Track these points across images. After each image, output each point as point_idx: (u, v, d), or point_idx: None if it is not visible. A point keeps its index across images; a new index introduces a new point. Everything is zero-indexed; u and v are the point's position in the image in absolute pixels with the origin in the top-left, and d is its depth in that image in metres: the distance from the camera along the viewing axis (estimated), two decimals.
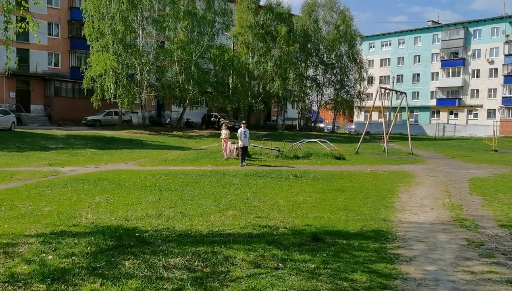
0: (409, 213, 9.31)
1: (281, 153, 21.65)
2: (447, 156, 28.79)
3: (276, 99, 56.48)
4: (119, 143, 28.48)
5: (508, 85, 64.06)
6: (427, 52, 72.03)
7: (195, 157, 21.69)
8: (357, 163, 21.36)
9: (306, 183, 13.38)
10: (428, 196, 11.69)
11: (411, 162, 22.43)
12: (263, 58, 51.96)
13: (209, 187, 11.77)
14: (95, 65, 38.31)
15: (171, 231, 7.02)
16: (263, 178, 14.12)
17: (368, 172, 17.39)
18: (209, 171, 15.87)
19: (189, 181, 12.80)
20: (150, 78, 43.07)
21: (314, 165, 19.78)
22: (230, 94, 48.04)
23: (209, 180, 13.26)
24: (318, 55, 59.39)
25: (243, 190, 11.54)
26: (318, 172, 16.53)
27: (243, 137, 18.48)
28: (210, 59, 46.70)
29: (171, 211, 8.56)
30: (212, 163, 19.01)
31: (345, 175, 15.99)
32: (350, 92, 62.76)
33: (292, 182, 13.40)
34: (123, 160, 19.50)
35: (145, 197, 10.03)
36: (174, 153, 24.00)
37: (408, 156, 27.33)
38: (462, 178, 16.14)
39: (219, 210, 8.77)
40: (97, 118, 42.96)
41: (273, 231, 7.26)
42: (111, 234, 6.61)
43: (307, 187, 12.42)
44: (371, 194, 11.60)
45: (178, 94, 44.76)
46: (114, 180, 12.71)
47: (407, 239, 7.14)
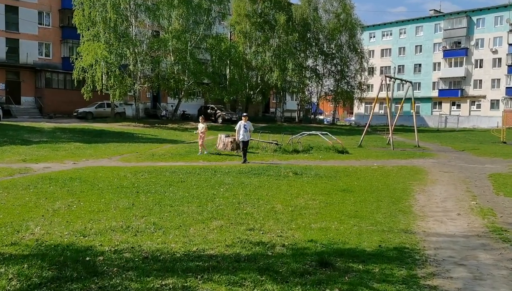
0: (433, 221, 7.71)
1: (279, 147, 20.00)
2: (455, 148, 27.18)
3: (275, 90, 54.74)
4: (108, 137, 26.83)
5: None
6: (429, 42, 70.30)
7: (186, 151, 20.05)
8: (361, 157, 19.75)
9: (308, 181, 11.76)
10: (450, 197, 10.08)
11: (420, 156, 20.82)
12: (261, 48, 50.20)
13: (196, 188, 10.13)
14: (85, 55, 36.62)
15: (135, 252, 5.40)
16: (259, 175, 12.49)
17: (375, 167, 15.78)
18: (200, 167, 14.24)
19: (173, 180, 11.17)
20: (143, 68, 41.35)
21: (315, 159, 18.15)
22: (227, 86, 46.46)
23: (197, 178, 11.62)
24: (318, 45, 57.52)
25: (235, 191, 9.91)
26: (320, 168, 14.91)
27: (242, 131, 16.62)
28: (206, 49, 45.00)
29: (143, 221, 6.94)
30: (204, 158, 17.38)
31: (350, 171, 14.37)
32: (350, 83, 61.02)
33: (292, 181, 11.78)
34: (108, 155, 17.86)
35: (116, 201, 8.41)
36: (165, 147, 22.36)
37: (414, 149, 25.72)
38: (480, 174, 14.54)
39: (203, 220, 7.15)
40: (88, 110, 41.28)
41: (268, 250, 5.64)
42: (53, 259, 5.00)
43: (309, 187, 10.79)
44: (383, 195, 9.98)
45: (173, 85, 43.16)
46: (88, 179, 11.08)
47: (441, 260, 5.53)
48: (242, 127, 16.65)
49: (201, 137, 18.88)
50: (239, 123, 16.95)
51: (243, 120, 16.84)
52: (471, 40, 66.13)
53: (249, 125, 16.84)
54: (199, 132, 19.08)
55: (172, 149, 20.90)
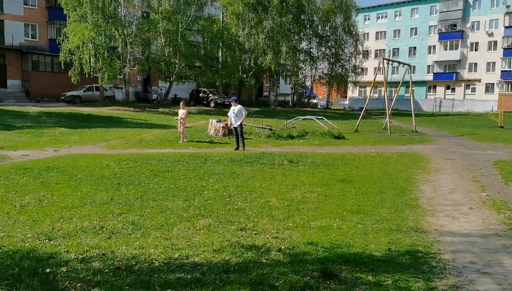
0: (444, 217, 6.97)
1: (273, 132, 19.19)
2: (453, 133, 26.52)
3: (268, 74, 53.63)
4: (96, 122, 25.89)
5: (508, 58, 61.83)
6: (424, 24, 69.40)
7: (176, 137, 19.15)
8: (358, 143, 19.00)
9: (304, 170, 10.98)
10: (457, 188, 9.35)
11: (419, 141, 20.09)
12: (254, 30, 48.93)
13: (183, 179, 9.31)
14: (72, 36, 35.29)
15: (107, 260, 4.60)
16: (252, 164, 11.68)
17: (373, 154, 15.03)
18: (189, 154, 13.41)
19: (159, 170, 10.33)
20: (133, 51, 40.15)
21: (311, 145, 17.38)
22: (219, 69, 45.37)
23: (185, 168, 10.79)
24: (312, 27, 56.21)
25: (226, 182, 9.11)
26: (317, 155, 14.14)
27: (232, 116, 15.87)
28: (198, 31, 43.77)
29: (120, 219, 6.13)
30: (195, 145, 16.54)
31: (348, 158, 13.60)
32: (345, 67, 60.02)
33: (287, 170, 10.99)
34: (93, 141, 16.97)
35: (94, 195, 7.58)
36: (154, 132, 21.48)
37: (412, 134, 25.02)
38: (484, 161, 13.83)
39: (189, 217, 6.35)
40: (76, 94, 40.13)
41: (262, 256, 4.86)
42: (6, 272, 4.20)
43: (306, 177, 10.01)
44: (386, 186, 9.23)
45: (164, 68, 42.05)
46: (67, 168, 10.23)
47: (461, 268, 4.79)
48: (231, 113, 15.94)
49: (182, 123, 17.75)
50: (230, 109, 16.23)
51: (232, 105, 16.18)
52: (467, 22, 65.33)
53: (238, 109, 15.86)
54: (179, 119, 17.89)
55: (161, 135, 20.03)
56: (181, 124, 17.74)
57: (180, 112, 18.05)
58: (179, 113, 18.10)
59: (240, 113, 15.84)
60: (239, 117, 15.74)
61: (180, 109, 18.27)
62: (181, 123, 17.75)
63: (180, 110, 18.21)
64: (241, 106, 16.11)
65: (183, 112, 17.94)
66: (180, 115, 17.92)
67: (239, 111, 15.81)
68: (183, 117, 17.81)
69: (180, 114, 17.94)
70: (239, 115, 15.78)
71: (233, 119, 15.82)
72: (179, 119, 17.84)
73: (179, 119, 17.84)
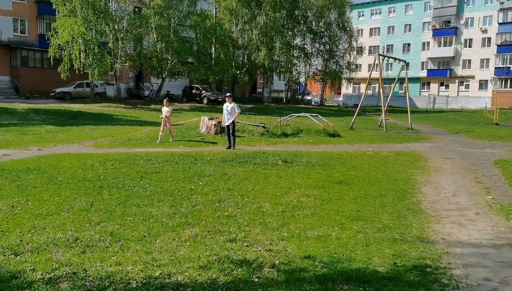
0: (450, 224, 6.47)
1: (267, 130, 18.65)
2: (449, 131, 26.12)
3: (262, 70, 53.02)
4: (85, 119, 25.22)
5: (501, 55, 61.68)
6: (419, 21, 69.16)
7: (167, 135, 18.56)
8: (354, 141, 18.52)
9: (299, 171, 10.45)
10: (460, 190, 8.87)
11: (415, 139, 19.64)
12: (248, 25, 48.29)
13: (171, 181, 8.76)
14: (61, 32, 34.53)
15: (77, 281, 4.04)
16: (244, 164, 11.14)
17: (370, 153, 14.54)
18: (179, 154, 12.84)
19: (146, 171, 9.77)
20: (124, 46, 39.41)
21: (305, 144, 16.87)
22: (212, 65, 44.72)
23: (174, 168, 10.23)
24: (306, 23, 55.62)
25: (216, 184, 8.57)
26: (312, 154, 13.63)
27: (225, 114, 15.11)
28: (190, 27, 43.09)
29: (98, 229, 5.57)
30: (186, 143, 15.97)
31: (344, 158, 13.10)
32: (339, 63, 59.53)
33: (281, 170, 10.46)
34: (80, 140, 16.35)
35: (73, 200, 7.01)
36: (144, 130, 20.88)
37: (408, 131, 24.59)
38: (484, 160, 13.39)
39: (174, 226, 5.80)
40: (66, 90, 39.39)
41: (254, 274, 4.33)
42: None
43: (301, 178, 9.49)
44: (386, 188, 8.74)
45: (156, 64, 41.40)
46: (48, 170, 9.64)
47: (476, 286, 4.29)
48: (224, 110, 15.16)
49: (166, 122, 16.60)
50: (224, 105, 15.39)
51: (226, 102, 15.29)
52: (460, 19, 65.13)
53: (231, 107, 15.01)
54: (163, 117, 16.61)
55: (152, 132, 19.42)
56: (166, 122, 16.60)
57: (164, 110, 16.78)
58: (163, 111, 16.83)
59: (233, 111, 15.02)
60: (231, 115, 14.97)
61: (164, 107, 16.89)
62: (166, 121, 16.57)
63: (164, 108, 16.87)
64: (235, 104, 15.23)
65: (167, 110, 16.72)
66: (164, 113, 16.69)
67: (232, 108, 15.01)
68: (168, 115, 16.62)
69: (164, 113, 16.70)
70: (232, 113, 14.99)
71: (225, 116, 15.11)
72: (164, 118, 16.65)
73: (164, 117, 16.64)
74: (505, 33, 61.40)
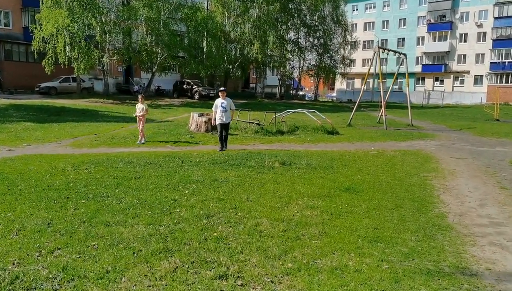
0: (489, 245, 5.29)
1: (261, 127, 17.41)
2: (450, 127, 25.04)
3: (255, 64, 51.69)
4: (68, 115, 23.84)
5: (497, 50, 60.89)
6: (413, 15, 68.26)
7: (154, 132, 17.30)
8: (354, 138, 17.33)
9: (299, 175, 9.22)
10: (487, 199, 7.70)
11: (419, 137, 18.48)
12: (240, 18, 46.89)
13: (152, 189, 7.50)
14: (45, 24, 33.00)
15: None
16: (238, 167, 9.89)
17: (374, 152, 13.36)
18: (165, 155, 11.56)
19: (125, 176, 8.49)
20: (112, 40, 37.89)
21: (303, 142, 15.64)
22: (204, 59, 43.32)
23: (158, 173, 8.96)
24: (300, 17, 54.31)
25: (204, 193, 7.32)
26: (311, 154, 12.41)
27: (220, 110, 12.95)
28: (181, 20, 41.63)
29: (49, 261, 4.30)
30: (173, 142, 14.67)
31: (347, 158, 11.90)
32: (333, 57, 58.33)
33: (279, 174, 9.24)
34: (58, 138, 15.02)
35: (28, 216, 5.74)
36: (130, 127, 19.56)
37: (408, 128, 23.44)
38: (499, 160, 12.25)
39: (148, 255, 4.55)
40: (52, 85, 37.85)
41: None
42: None
43: (302, 185, 8.27)
44: (401, 197, 7.55)
45: (146, 58, 39.96)
46: (10, 175, 8.34)
47: None
48: (219, 106, 12.97)
49: (141, 120, 14.57)
50: (216, 101, 13.29)
51: (220, 97, 13.18)
52: (456, 13, 64.29)
53: (228, 103, 13.11)
54: (138, 115, 14.62)
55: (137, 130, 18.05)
56: (140, 121, 14.59)
57: (139, 107, 14.75)
58: (137, 108, 14.82)
59: (230, 106, 13.21)
60: (228, 112, 13.10)
61: (139, 104, 14.81)
62: (140, 119, 14.56)
63: (139, 104, 14.81)
64: (230, 100, 13.36)
65: (143, 107, 14.72)
66: (139, 111, 14.67)
67: (228, 105, 13.11)
68: (143, 113, 14.61)
69: (139, 110, 14.69)
70: (228, 110, 13.11)
71: (221, 114, 12.94)
72: (138, 116, 14.59)
73: (138, 116, 14.59)
74: (501, 27, 60.63)
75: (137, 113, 14.67)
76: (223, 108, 12.92)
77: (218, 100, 13.13)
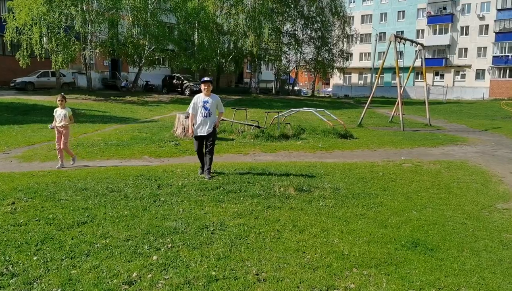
0: None
1: (262, 131, 14.39)
2: (471, 126, 22.24)
3: (250, 58, 48.66)
4: (38, 115, 20.74)
5: (500, 43, 58.38)
6: (413, 7, 65.61)
7: (131, 137, 14.20)
8: (373, 144, 14.39)
9: (328, 213, 6.24)
10: None
11: (449, 141, 15.55)
12: (234, 9, 43.90)
13: (96, 253, 4.49)
14: (18, 12, 29.80)
15: None
16: (237, 197, 6.86)
17: (408, 166, 10.41)
18: (137, 173, 8.51)
19: (63, 222, 5.40)
20: (95, 30, 34.67)
21: (314, 150, 12.67)
22: (195, 52, 40.31)
23: (117, 213, 5.88)
24: (296, 7, 51.36)
25: (186, 262, 4.31)
26: (331, 169, 9.44)
27: (202, 114, 8.35)
28: (170, 10, 38.57)
29: None
30: (152, 151, 11.60)
31: (381, 177, 8.91)
32: (332, 51, 55.42)
33: (298, 211, 6.27)
34: (8, 146, 11.91)
35: None
36: (106, 130, 16.50)
37: (427, 128, 20.60)
38: None
39: None
40: (29, 80, 34.59)
41: None
42: None
43: (339, 234, 5.28)
44: (497, 257, 4.66)
45: (132, 51, 36.82)
46: None
47: None
48: (200, 107, 8.33)
49: (61, 134, 9.61)
50: (195, 98, 8.50)
51: (202, 93, 8.44)
52: (457, 5, 61.77)
53: (214, 102, 8.40)
54: (57, 127, 9.66)
55: (113, 134, 15.04)
56: (61, 135, 9.61)
57: (58, 114, 9.65)
58: (56, 116, 9.70)
59: (214, 108, 8.45)
60: (213, 116, 8.41)
61: (58, 109, 9.69)
62: (60, 132, 9.62)
63: (58, 110, 9.69)
64: (218, 97, 8.68)
65: (64, 114, 9.61)
66: (59, 119, 9.65)
67: (215, 105, 8.43)
68: (64, 124, 9.62)
69: (59, 119, 9.65)
70: (214, 113, 8.45)
71: (202, 119, 8.32)
72: (57, 128, 9.64)
73: (57, 127, 9.64)
74: (504, 20, 58.12)
75: (55, 124, 9.66)
76: (206, 110, 8.28)
77: (199, 97, 8.41)
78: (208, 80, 8.43)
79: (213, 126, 8.40)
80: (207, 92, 8.36)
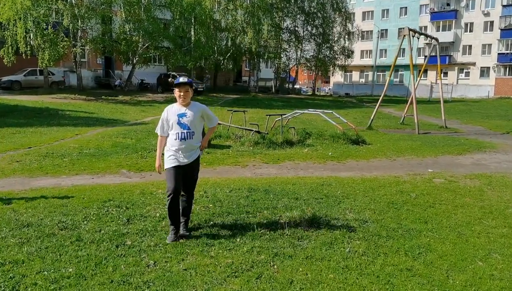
0: None
1: (263, 136, 12.53)
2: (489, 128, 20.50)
3: (248, 56, 46.93)
4: (17, 117, 18.94)
5: (505, 40, 56.90)
6: (415, 3, 64.16)
7: (113, 144, 12.33)
8: (390, 151, 12.56)
9: (358, 266, 4.33)
10: None
11: (475, 147, 13.69)
12: (232, 4, 42.18)
13: None
14: (2, 6, 27.99)
15: None
16: (232, 240, 4.88)
17: (440, 181, 8.59)
18: (103, 199, 6.59)
19: None
20: (85, 27, 32.86)
21: (324, 160, 10.83)
22: (191, 49, 38.62)
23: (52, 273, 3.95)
24: (297, 3, 49.57)
25: None
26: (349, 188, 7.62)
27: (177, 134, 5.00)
28: (165, 5, 36.82)
29: None
30: (133, 164, 9.73)
31: (414, 201, 7.10)
32: (333, 48, 53.63)
33: (316, 261, 4.36)
34: None
35: None
36: (88, 135, 14.63)
37: (444, 131, 18.82)
38: None
39: None
40: (15, 79, 32.89)
41: None
42: None
43: None
44: None
45: (125, 48, 35.05)
46: None
47: None
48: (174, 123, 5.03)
49: None
50: (164, 113, 5.10)
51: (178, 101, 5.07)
52: (461, 1, 60.60)
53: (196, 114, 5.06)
54: None
55: (93, 140, 13.16)
56: None
57: None
58: None
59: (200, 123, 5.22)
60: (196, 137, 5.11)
61: None
62: None
63: None
64: (204, 107, 5.26)
65: None
66: None
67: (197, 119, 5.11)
68: None
69: None
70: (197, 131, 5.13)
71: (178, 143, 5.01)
72: None
73: None
74: (509, 16, 56.74)
75: None
76: (183, 128, 5.04)
77: (170, 108, 5.13)
78: (186, 83, 5.04)
79: (197, 154, 5.22)
80: (183, 101, 5.05)
